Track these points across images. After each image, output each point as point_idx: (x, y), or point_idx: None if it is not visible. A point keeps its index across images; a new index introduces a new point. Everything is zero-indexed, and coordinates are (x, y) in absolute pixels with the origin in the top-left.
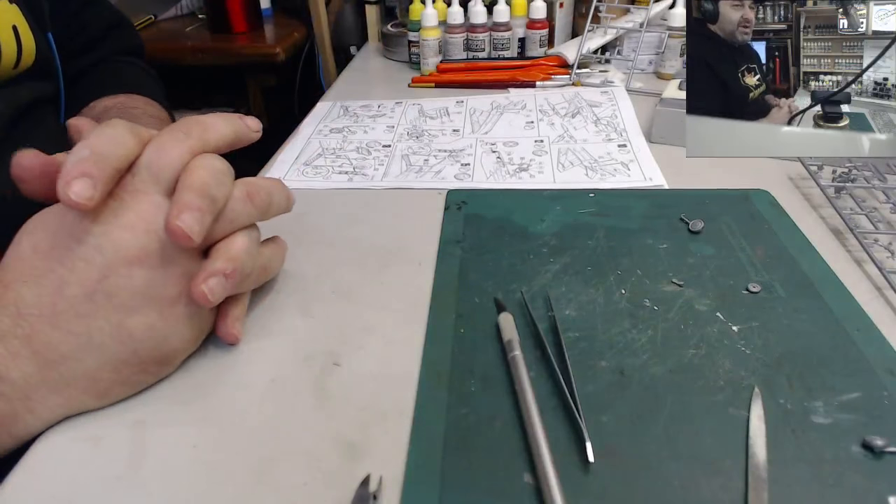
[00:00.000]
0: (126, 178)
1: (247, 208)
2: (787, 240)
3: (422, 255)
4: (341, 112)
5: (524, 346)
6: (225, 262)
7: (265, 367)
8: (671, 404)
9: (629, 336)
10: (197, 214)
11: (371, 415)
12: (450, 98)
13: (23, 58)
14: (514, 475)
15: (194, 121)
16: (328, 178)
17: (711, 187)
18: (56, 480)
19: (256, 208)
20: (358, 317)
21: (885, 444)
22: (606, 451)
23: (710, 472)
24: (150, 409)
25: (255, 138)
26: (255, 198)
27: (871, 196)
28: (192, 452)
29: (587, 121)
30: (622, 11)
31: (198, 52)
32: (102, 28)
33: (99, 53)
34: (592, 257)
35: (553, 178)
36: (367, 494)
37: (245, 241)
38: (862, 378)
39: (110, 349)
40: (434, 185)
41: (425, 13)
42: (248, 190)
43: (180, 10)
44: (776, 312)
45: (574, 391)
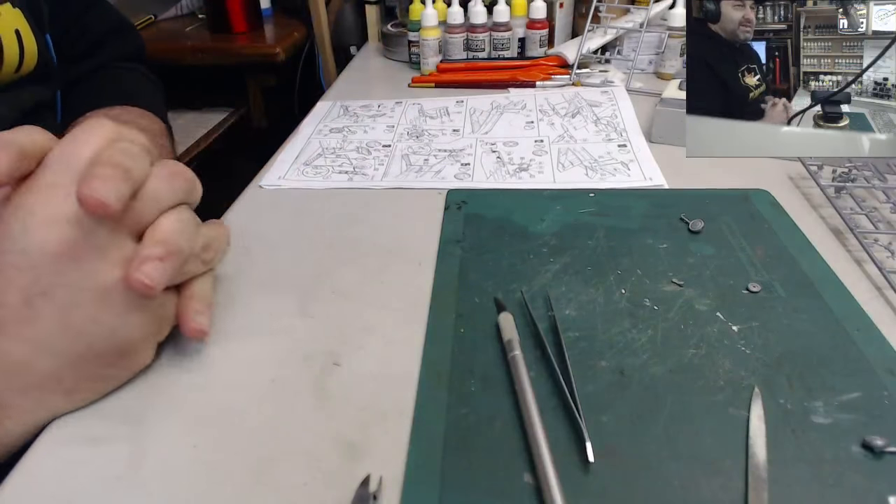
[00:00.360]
0: (38, 172)
1: (171, 185)
2: (787, 240)
3: (422, 255)
4: (341, 112)
5: (524, 346)
6: (154, 244)
7: (265, 367)
8: (671, 404)
9: (629, 336)
10: (109, 183)
11: (371, 415)
12: (450, 98)
13: (25, 62)
14: (514, 475)
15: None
16: (328, 178)
17: (711, 187)
18: (56, 480)
19: (181, 187)
20: (358, 317)
21: (885, 444)
22: (606, 451)
23: (710, 472)
24: (150, 409)
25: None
26: (177, 177)
27: (871, 196)
28: (192, 452)
29: (587, 121)
30: (622, 11)
31: (198, 52)
32: (103, 32)
33: (99, 59)
34: (592, 257)
35: (553, 177)
36: (367, 494)
37: (174, 222)
38: (862, 378)
39: (63, 348)
40: (434, 185)
41: (425, 13)
42: (171, 170)
43: (180, 10)
44: (776, 312)
45: (574, 391)
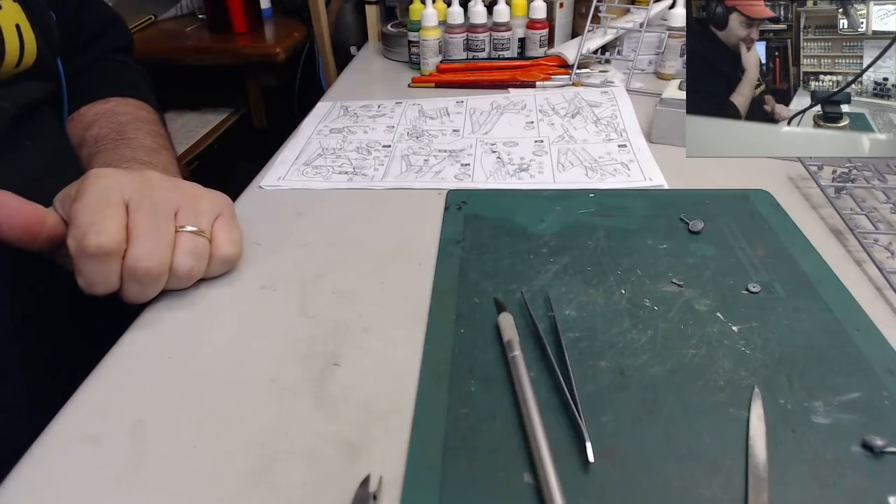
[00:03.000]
0: None
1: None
2: (787, 240)
3: (422, 255)
4: (341, 112)
5: (524, 346)
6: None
7: (265, 367)
8: (671, 404)
9: (629, 336)
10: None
11: (371, 415)
12: (450, 98)
13: (25, 57)
14: (514, 475)
15: None
16: (328, 178)
17: (711, 187)
18: (56, 480)
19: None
20: (358, 317)
21: (885, 444)
22: (606, 451)
23: (710, 472)
24: (150, 409)
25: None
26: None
27: (871, 196)
28: (192, 452)
29: (587, 121)
30: (622, 11)
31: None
32: (98, 26)
33: (95, 51)
34: (592, 257)
35: (553, 178)
36: (367, 494)
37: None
38: (862, 378)
39: None
40: (434, 186)
41: (425, 13)
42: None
43: (180, 10)
44: (776, 312)
45: (574, 391)
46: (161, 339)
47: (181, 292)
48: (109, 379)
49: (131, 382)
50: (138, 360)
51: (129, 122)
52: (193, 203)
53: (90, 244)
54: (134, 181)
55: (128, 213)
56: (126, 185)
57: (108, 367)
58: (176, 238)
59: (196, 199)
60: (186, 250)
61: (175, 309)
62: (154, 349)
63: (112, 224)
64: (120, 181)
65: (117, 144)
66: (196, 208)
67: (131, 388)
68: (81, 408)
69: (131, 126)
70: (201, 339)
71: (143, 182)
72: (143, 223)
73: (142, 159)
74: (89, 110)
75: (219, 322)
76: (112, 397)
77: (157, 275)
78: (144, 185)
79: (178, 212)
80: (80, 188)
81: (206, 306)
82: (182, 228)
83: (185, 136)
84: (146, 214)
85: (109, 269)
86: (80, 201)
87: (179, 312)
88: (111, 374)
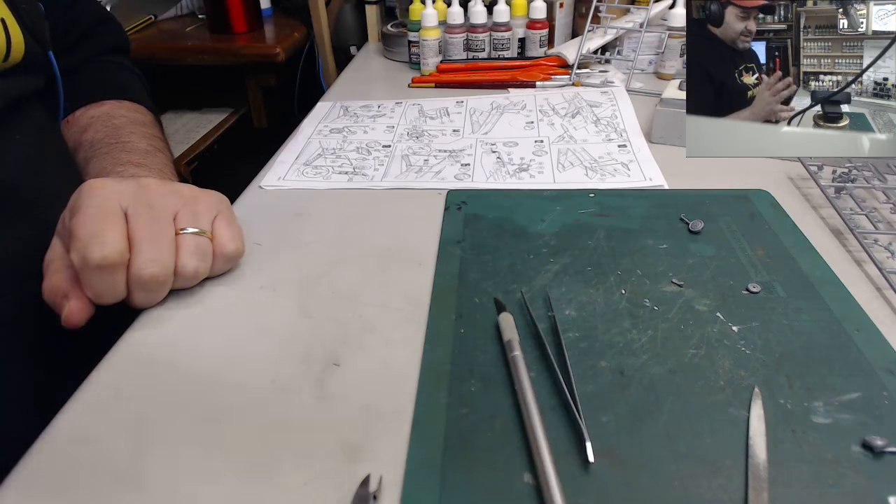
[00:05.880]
0: None
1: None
2: (787, 240)
3: (422, 255)
4: (341, 112)
5: (524, 346)
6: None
7: (265, 367)
8: (671, 404)
9: (629, 336)
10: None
11: (371, 415)
12: (450, 98)
13: (12, 52)
14: (514, 475)
15: None
16: (328, 178)
17: (711, 187)
18: (56, 480)
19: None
20: (358, 317)
21: (885, 444)
22: (606, 451)
23: (710, 472)
24: (150, 409)
25: None
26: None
27: (871, 196)
28: (192, 452)
29: (587, 121)
30: (622, 11)
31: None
32: (90, 24)
33: (87, 51)
34: (592, 257)
35: (553, 178)
36: (367, 494)
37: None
38: (862, 378)
39: None
40: (434, 186)
41: (425, 13)
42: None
43: (180, 10)
44: (776, 312)
45: (574, 391)
46: (161, 339)
47: (181, 292)
48: (109, 379)
49: (131, 382)
50: (138, 360)
51: (125, 125)
52: (191, 204)
53: (93, 257)
54: (130, 189)
55: (127, 221)
56: (123, 193)
57: (108, 367)
58: (178, 241)
59: (193, 201)
60: (190, 252)
61: (175, 309)
62: (154, 349)
63: (113, 234)
64: (116, 190)
65: (112, 148)
66: (194, 209)
67: (131, 388)
68: (81, 408)
69: (126, 129)
70: (201, 339)
71: (139, 189)
72: (144, 230)
73: (137, 162)
74: (84, 114)
75: (219, 322)
76: (112, 397)
77: (162, 280)
78: (141, 191)
79: (176, 215)
80: (77, 201)
81: (206, 306)
82: (183, 231)
83: (185, 136)
84: (146, 221)
85: (115, 280)
86: (79, 214)
87: (179, 312)
88: (111, 374)
